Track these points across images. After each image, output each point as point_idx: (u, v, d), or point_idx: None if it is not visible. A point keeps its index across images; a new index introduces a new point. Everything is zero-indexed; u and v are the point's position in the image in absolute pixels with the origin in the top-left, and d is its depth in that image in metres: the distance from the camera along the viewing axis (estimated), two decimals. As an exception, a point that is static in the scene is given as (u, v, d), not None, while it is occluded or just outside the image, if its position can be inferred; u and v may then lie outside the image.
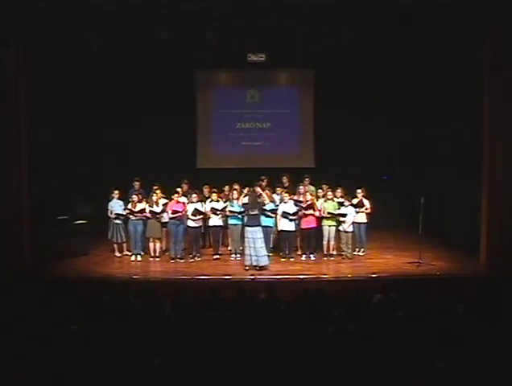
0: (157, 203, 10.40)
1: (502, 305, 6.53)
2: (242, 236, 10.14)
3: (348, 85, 12.74)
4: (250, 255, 9.61)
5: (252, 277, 9.19)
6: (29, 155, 9.93)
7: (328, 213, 10.29)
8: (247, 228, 9.71)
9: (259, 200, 9.96)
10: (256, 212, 9.75)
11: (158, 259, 10.53)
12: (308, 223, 10.36)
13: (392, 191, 12.81)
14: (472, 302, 6.46)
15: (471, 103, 10.41)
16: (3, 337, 5.36)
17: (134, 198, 10.49)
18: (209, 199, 10.57)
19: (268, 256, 9.87)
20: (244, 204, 10.11)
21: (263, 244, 9.66)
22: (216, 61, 12.75)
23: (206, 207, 10.48)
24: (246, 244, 9.69)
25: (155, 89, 12.83)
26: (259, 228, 9.72)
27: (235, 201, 10.33)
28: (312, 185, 10.94)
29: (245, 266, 9.70)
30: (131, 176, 11.17)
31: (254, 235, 9.61)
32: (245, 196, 10.24)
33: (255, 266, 9.60)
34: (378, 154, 13.10)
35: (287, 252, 10.42)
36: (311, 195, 10.45)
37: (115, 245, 10.87)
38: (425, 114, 12.35)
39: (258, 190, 10.26)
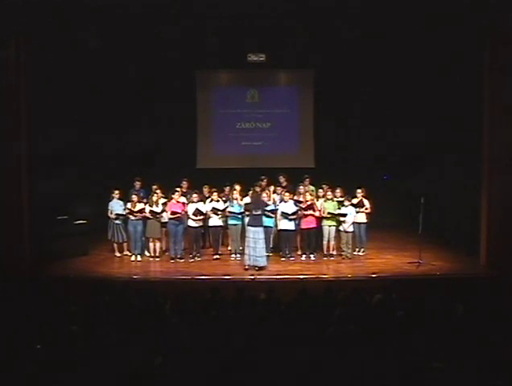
0: (157, 203, 10.41)
1: (502, 305, 6.53)
2: (242, 236, 10.15)
3: (348, 85, 12.74)
4: (250, 255, 9.60)
5: (252, 277, 9.19)
6: (29, 155, 9.94)
7: (329, 213, 10.28)
8: (249, 228, 9.69)
9: (263, 201, 9.96)
10: (259, 212, 9.75)
11: (158, 259, 10.54)
12: (308, 223, 10.35)
13: (392, 191, 12.81)
14: (472, 302, 6.46)
15: (471, 103, 10.41)
16: (3, 337, 5.36)
17: (134, 198, 10.50)
18: (209, 199, 10.58)
19: (267, 256, 9.88)
20: (246, 204, 10.12)
21: (264, 245, 9.67)
22: (216, 61, 12.76)
23: (207, 207, 10.48)
24: (247, 244, 9.67)
25: (155, 89, 12.83)
26: (261, 229, 9.71)
27: (235, 201, 10.33)
28: (312, 185, 10.95)
29: (245, 266, 9.70)
30: (131, 176, 11.18)
31: (256, 235, 9.60)
32: (245, 196, 10.26)
33: (254, 266, 9.60)
34: (378, 154, 13.09)
35: (287, 252, 10.42)
36: (311, 195, 10.45)
37: (115, 245, 10.87)
38: (425, 114, 12.33)
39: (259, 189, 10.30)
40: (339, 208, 10.35)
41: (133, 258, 10.54)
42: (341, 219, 10.28)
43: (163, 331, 5.46)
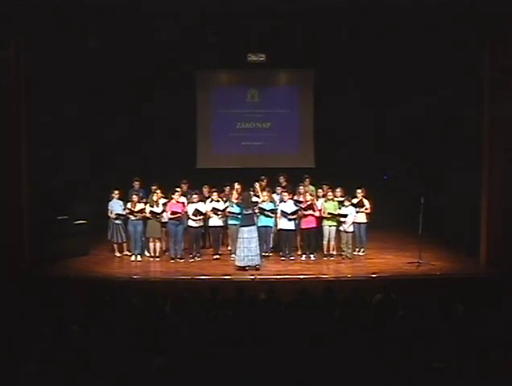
0: (157, 203, 10.40)
1: (502, 305, 6.54)
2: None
3: (349, 85, 12.74)
4: (244, 255, 9.55)
5: (252, 277, 9.19)
6: (29, 155, 9.94)
7: (329, 213, 10.28)
8: (242, 228, 9.65)
9: (252, 199, 9.95)
10: (250, 212, 9.74)
11: (158, 259, 10.54)
12: (308, 223, 10.35)
13: (392, 191, 12.81)
14: (472, 302, 6.46)
15: (471, 103, 10.41)
16: (3, 337, 5.36)
17: (134, 198, 10.50)
18: (209, 199, 10.57)
19: (261, 255, 9.86)
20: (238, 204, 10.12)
21: (257, 243, 9.65)
22: (216, 61, 12.76)
23: (207, 207, 10.47)
24: (240, 245, 9.59)
25: (155, 89, 12.84)
26: (254, 228, 9.71)
27: (235, 201, 10.32)
28: (312, 185, 10.94)
29: (239, 267, 9.59)
30: (131, 176, 11.18)
31: (250, 234, 9.58)
32: (238, 197, 10.25)
33: (249, 266, 9.57)
34: (378, 154, 13.09)
35: (287, 252, 10.42)
36: (310, 195, 10.45)
37: (115, 245, 10.87)
38: (425, 115, 12.33)
39: (257, 188, 10.34)
40: (339, 208, 10.35)
41: (133, 258, 10.54)
42: (342, 219, 10.28)
43: (163, 331, 5.46)
